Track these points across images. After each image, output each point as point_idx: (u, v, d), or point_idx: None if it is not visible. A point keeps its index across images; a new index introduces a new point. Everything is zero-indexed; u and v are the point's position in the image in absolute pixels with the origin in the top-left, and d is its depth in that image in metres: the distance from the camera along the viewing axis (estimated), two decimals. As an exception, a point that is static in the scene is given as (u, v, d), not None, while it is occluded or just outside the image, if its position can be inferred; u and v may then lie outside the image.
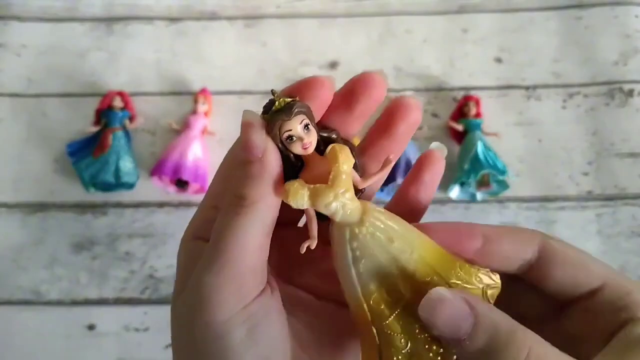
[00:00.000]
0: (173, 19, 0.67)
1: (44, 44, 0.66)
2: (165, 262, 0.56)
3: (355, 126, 0.24)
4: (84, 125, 0.61)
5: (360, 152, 0.24)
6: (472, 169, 0.56)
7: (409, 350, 0.21)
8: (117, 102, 0.60)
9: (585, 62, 0.64)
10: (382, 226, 0.21)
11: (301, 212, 0.22)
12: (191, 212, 0.24)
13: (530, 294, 0.23)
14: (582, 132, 0.61)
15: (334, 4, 0.68)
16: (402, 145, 0.24)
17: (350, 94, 0.23)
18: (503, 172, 0.56)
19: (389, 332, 0.21)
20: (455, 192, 0.58)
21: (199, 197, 0.58)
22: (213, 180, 0.23)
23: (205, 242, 0.21)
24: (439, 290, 0.20)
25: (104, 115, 0.60)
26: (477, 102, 0.60)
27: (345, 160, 0.21)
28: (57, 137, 0.61)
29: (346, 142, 0.22)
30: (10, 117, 0.62)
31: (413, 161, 0.56)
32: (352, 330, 0.23)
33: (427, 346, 0.21)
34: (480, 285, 0.22)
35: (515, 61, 0.65)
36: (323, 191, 0.20)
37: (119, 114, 0.59)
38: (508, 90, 0.63)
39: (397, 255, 0.21)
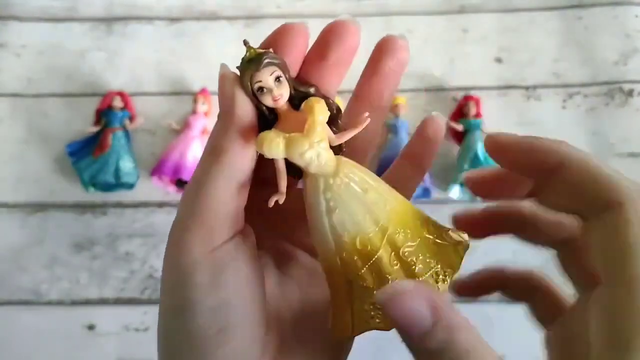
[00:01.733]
0: (173, 19, 0.67)
1: (44, 44, 0.66)
2: (165, 262, 0.56)
3: (334, 79, 0.23)
4: (84, 125, 0.61)
5: (354, 100, 0.24)
6: (472, 169, 0.56)
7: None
8: (117, 102, 0.60)
9: (585, 62, 0.64)
10: (356, 178, 0.21)
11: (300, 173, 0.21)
12: None
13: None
14: (582, 132, 0.61)
15: (334, 4, 0.68)
16: (391, 84, 0.24)
17: (323, 44, 0.23)
18: (503, 172, 0.56)
19: (361, 283, 0.21)
20: (455, 192, 0.58)
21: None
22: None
23: None
24: (402, 284, 0.19)
25: (104, 115, 0.60)
26: (477, 102, 0.60)
27: (320, 112, 0.20)
28: (57, 137, 0.61)
29: (326, 98, 0.22)
30: (10, 117, 0.62)
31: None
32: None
33: None
34: (451, 242, 0.22)
35: (515, 61, 0.65)
36: (298, 140, 0.20)
37: (119, 114, 0.59)
38: (508, 90, 0.63)
39: (371, 207, 0.21)
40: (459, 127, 0.59)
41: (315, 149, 0.20)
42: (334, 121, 0.22)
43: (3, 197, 0.59)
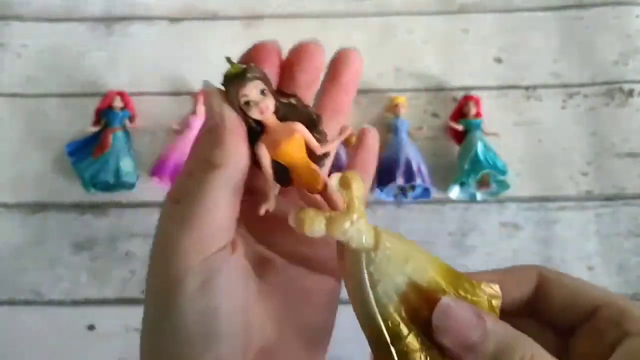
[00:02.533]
0: (173, 19, 0.67)
1: (44, 43, 0.66)
2: (165, 262, 0.56)
3: (306, 95, 0.24)
4: (84, 125, 0.61)
5: (315, 105, 0.25)
6: (472, 169, 0.56)
7: None
8: (117, 102, 0.60)
9: (585, 62, 0.64)
10: (396, 248, 0.22)
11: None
12: None
13: (536, 328, 0.24)
14: (582, 132, 0.61)
15: (334, 3, 0.68)
16: (350, 92, 0.26)
17: (290, 66, 0.25)
18: (503, 172, 0.56)
19: (406, 350, 0.21)
20: (455, 192, 0.58)
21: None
22: (189, 153, 0.24)
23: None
24: (448, 299, 0.21)
25: (104, 115, 0.60)
26: (477, 102, 0.60)
27: (358, 188, 0.21)
28: (57, 137, 0.61)
29: (306, 106, 0.23)
30: (10, 117, 0.62)
31: (413, 161, 0.56)
32: (318, 296, 0.25)
33: None
34: (485, 296, 0.22)
35: (515, 61, 0.65)
36: (339, 219, 0.21)
37: (119, 114, 0.59)
38: (508, 90, 0.63)
39: (412, 275, 0.21)
40: (459, 127, 0.59)
41: (355, 226, 0.21)
42: (316, 129, 0.23)
43: (3, 197, 0.59)
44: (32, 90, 0.64)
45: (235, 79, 0.21)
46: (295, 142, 0.22)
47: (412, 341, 0.21)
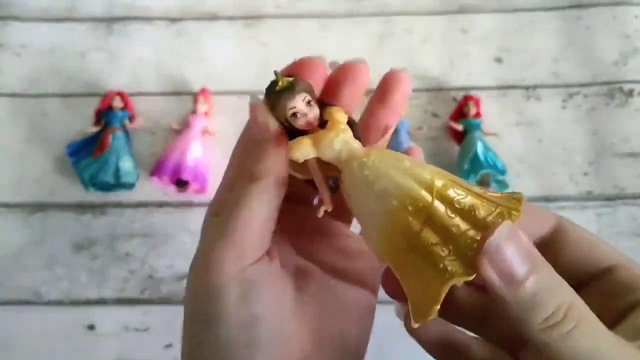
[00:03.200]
0: (173, 19, 0.67)
1: (44, 44, 0.66)
2: (165, 262, 0.56)
3: (349, 111, 0.25)
4: (84, 125, 0.61)
5: (361, 125, 0.25)
6: (472, 169, 0.56)
7: (451, 255, 0.19)
8: (117, 102, 0.60)
9: (585, 62, 0.64)
10: (387, 152, 0.22)
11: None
12: (191, 212, 0.25)
13: None
14: (582, 132, 0.61)
15: (334, 4, 0.68)
16: (397, 114, 0.27)
17: (335, 84, 0.25)
18: (503, 172, 0.56)
19: (425, 243, 0.19)
20: (455, 192, 0.58)
21: (199, 197, 0.58)
22: (228, 166, 0.25)
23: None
24: (511, 227, 0.19)
25: (104, 115, 0.60)
26: (477, 102, 0.60)
27: (340, 114, 0.22)
28: (57, 137, 0.61)
29: (346, 112, 0.23)
30: (10, 117, 0.62)
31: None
32: (355, 309, 0.25)
33: (467, 239, 0.19)
34: (504, 195, 0.21)
35: (515, 61, 0.65)
36: (323, 134, 0.22)
37: (119, 114, 0.59)
38: (508, 90, 0.63)
39: (409, 170, 0.21)
40: (459, 127, 0.59)
41: (341, 137, 0.22)
42: (353, 132, 0.23)
43: (3, 197, 0.59)
44: (32, 90, 0.64)
45: (284, 91, 0.22)
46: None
47: (428, 235, 0.20)
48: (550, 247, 0.23)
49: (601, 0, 0.67)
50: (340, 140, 0.21)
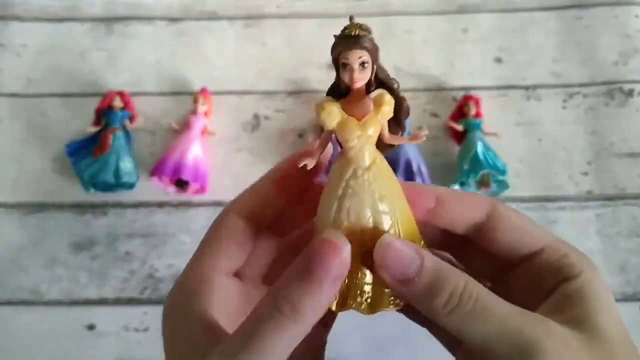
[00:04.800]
0: (173, 19, 0.67)
1: (44, 44, 0.66)
2: (165, 262, 0.56)
3: None
4: (84, 125, 0.61)
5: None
6: (472, 169, 0.56)
7: (364, 298, 0.23)
8: (117, 102, 0.60)
9: (585, 62, 0.64)
10: (381, 182, 0.22)
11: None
12: (191, 212, 0.25)
13: (481, 256, 0.25)
14: (582, 132, 0.61)
15: (334, 4, 0.68)
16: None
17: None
18: (503, 172, 0.56)
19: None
20: (455, 192, 0.58)
21: (199, 197, 0.58)
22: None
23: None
24: (389, 237, 0.21)
25: (104, 115, 0.60)
26: (477, 102, 0.60)
27: (387, 111, 0.22)
28: (57, 137, 0.61)
29: (402, 98, 0.24)
30: (9, 117, 0.62)
31: (413, 161, 0.56)
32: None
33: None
34: None
35: (515, 61, 0.65)
36: (352, 125, 0.22)
37: (119, 114, 0.59)
38: (508, 90, 0.63)
39: (378, 213, 0.22)
40: (459, 127, 0.59)
41: (362, 140, 0.22)
42: (399, 121, 0.24)
43: (2, 197, 0.59)
44: (32, 90, 0.64)
45: (347, 40, 0.22)
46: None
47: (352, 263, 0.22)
48: (486, 230, 0.24)
49: (601, 0, 0.67)
50: (358, 142, 0.22)
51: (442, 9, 0.68)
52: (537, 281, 0.23)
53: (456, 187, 0.57)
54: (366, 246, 0.22)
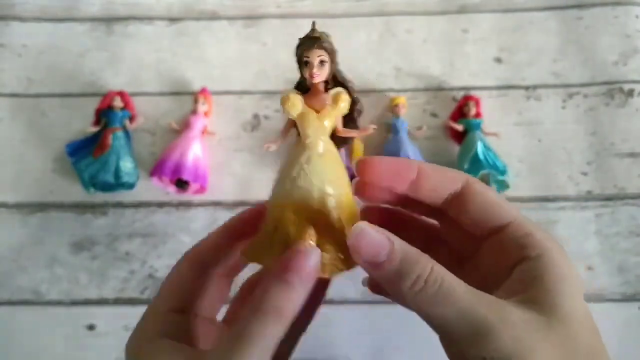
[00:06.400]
0: (173, 19, 0.68)
1: (44, 44, 0.66)
2: (165, 262, 0.56)
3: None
4: (84, 125, 0.61)
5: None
6: (472, 169, 0.56)
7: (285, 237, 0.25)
8: (117, 102, 0.60)
9: (585, 62, 0.64)
10: (330, 168, 0.26)
11: None
12: (191, 212, 0.25)
13: (455, 230, 0.27)
14: (582, 132, 0.61)
15: (334, 4, 0.68)
16: None
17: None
18: (503, 172, 0.56)
19: (285, 230, 0.25)
20: (455, 192, 0.58)
21: (199, 197, 0.58)
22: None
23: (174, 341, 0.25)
24: (363, 225, 0.23)
25: (104, 115, 0.60)
26: (477, 102, 0.60)
27: (343, 107, 0.26)
28: (57, 137, 0.61)
29: (356, 97, 0.27)
30: (10, 117, 0.63)
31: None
32: None
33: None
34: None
35: (515, 61, 0.65)
36: (311, 117, 0.26)
37: (119, 114, 0.59)
38: (508, 90, 0.63)
39: (325, 194, 0.25)
40: (459, 127, 0.59)
41: (319, 132, 0.26)
42: (353, 118, 0.27)
43: (3, 197, 0.59)
44: (32, 90, 0.64)
45: (307, 41, 0.26)
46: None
47: (291, 227, 0.25)
48: (458, 202, 0.26)
49: (601, 0, 0.67)
50: (314, 132, 0.26)
51: (442, 9, 0.68)
52: (500, 257, 0.24)
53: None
54: (312, 221, 0.25)
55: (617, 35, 0.65)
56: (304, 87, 0.27)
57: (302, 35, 0.26)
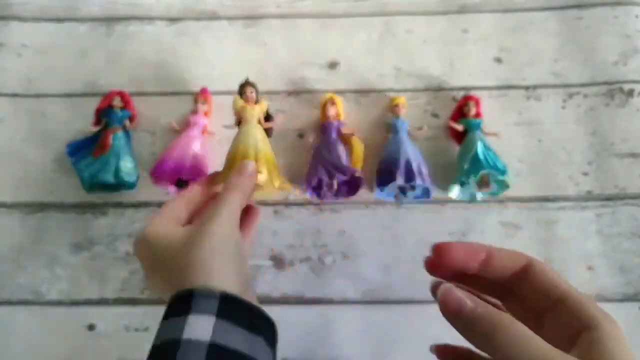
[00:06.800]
0: (173, 19, 0.68)
1: (44, 43, 0.66)
2: (165, 262, 0.56)
3: None
4: (84, 125, 0.61)
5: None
6: (472, 169, 0.56)
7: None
8: (117, 102, 0.60)
9: (585, 62, 0.64)
10: (259, 134, 0.48)
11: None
12: None
13: (517, 306, 0.30)
14: (582, 132, 0.61)
15: (334, 4, 0.68)
16: None
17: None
18: (503, 172, 0.56)
19: (234, 162, 0.45)
20: (455, 192, 0.58)
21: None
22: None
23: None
24: (448, 285, 0.27)
25: (104, 115, 0.60)
26: (477, 102, 0.60)
27: (263, 108, 0.51)
28: (57, 137, 0.61)
29: (268, 109, 0.53)
30: (10, 117, 0.63)
31: (413, 162, 0.56)
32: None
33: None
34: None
35: (515, 61, 0.65)
36: (248, 108, 0.50)
37: (119, 114, 0.59)
38: (508, 90, 0.63)
39: (256, 148, 0.46)
40: (459, 127, 0.59)
41: (252, 114, 0.50)
42: (267, 118, 0.53)
43: (3, 197, 0.59)
44: (32, 90, 0.64)
45: (244, 85, 0.52)
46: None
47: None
48: (522, 278, 0.29)
49: (601, 0, 0.67)
50: (250, 115, 0.50)
51: (442, 9, 0.68)
52: (563, 328, 0.27)
53: (456, 187, 0.58)
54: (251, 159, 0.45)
55: (617, 35, 0.65)
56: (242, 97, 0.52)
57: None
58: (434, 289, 0.32)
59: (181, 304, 0.32)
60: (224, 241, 0.36)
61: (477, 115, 0.59)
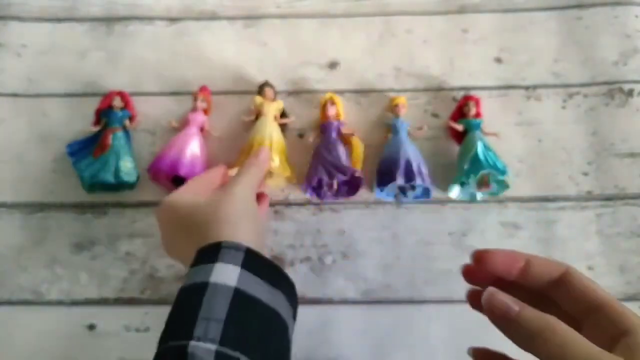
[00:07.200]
0: (173, 19, 0.68)
1: (44, 44, 0.66)
2: (165, 262, 0.56)
3: None
4: (84, 125, 0.61)
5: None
6: (472, 169, 0.56)
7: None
8: (117, 102, 0.60)
9: (585, 62, 0.64)
10: (274, 128, 0.56)
11: None
12: None
13: (553, 311, 0.30)
14: (582, 132, 0.61)
15: (334, 4, 0.69)
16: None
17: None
18: (503, 172, 0.56)
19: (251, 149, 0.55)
20: (455, 192, 0.58)
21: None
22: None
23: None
24: (493, 289, 0.28)
25: (104, 115, 0.60)
26: (477, 102, 0.60)
27: (280, 107, 0.59)
28: (57, 137, 0.61)
29: (284, 108, 0.60)
30: (10, 117, 0.63)
31: (413, 162, 0.56)
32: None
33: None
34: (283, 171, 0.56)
35: (515, 61, 0.65)
36: (267, 103, 0.58)
37: (119, 114, 0.59)
38: (508, 90, 0.63)
39: (271, 138, 0.55)
40: (459, 127, 0.59)
41: (269, 109, 0.58)
42: (283, 115, 0.59)
43: (3, 197, 0.59)
44: (32, 90, 0.64)
45: (265, 85, 0.59)
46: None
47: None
48: (560, 286, 0.30)
49: (601, 0, 0.67)
50: (268, 109, 0.58)
51: (442, 9, 0.68)
52: (601, 333, 0.28)
53: (456, 187, 0.58)
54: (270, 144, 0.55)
55: (617, 35, 0.65)
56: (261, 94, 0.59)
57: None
58: (472, 297, 0.33)
59: (209, 254, 0.35)
60: (247, 203, 0.41)
61: (477, 115, 0.59)
